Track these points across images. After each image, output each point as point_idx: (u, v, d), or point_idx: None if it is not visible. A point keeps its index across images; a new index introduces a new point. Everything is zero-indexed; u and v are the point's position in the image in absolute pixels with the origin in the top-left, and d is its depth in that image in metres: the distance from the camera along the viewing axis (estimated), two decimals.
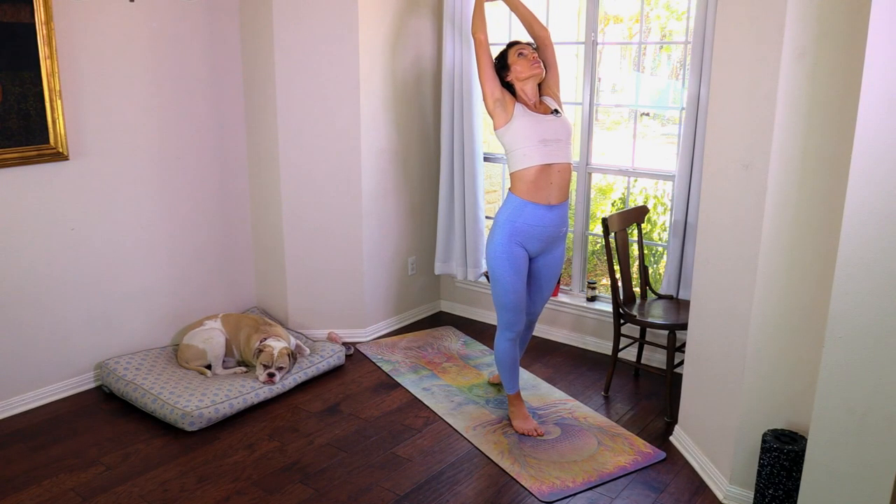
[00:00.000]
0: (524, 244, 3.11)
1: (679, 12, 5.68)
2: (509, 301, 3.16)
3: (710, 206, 2.88)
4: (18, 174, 3.26)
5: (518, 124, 3.08)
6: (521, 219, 3.06)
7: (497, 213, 3.17)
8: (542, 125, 3.09)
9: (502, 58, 3.20)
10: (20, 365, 3.40)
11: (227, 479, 2.91)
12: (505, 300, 3.16)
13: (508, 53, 3.18)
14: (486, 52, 3.19)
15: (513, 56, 3.16)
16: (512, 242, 3.09)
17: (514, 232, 3.08)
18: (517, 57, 3.15)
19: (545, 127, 3.09)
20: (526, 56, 3.14)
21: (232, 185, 4.15)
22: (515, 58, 3.15)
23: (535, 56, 3.16)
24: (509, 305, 3.17)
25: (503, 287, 3.14)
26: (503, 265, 3.10)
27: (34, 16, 3.16)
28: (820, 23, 2.29)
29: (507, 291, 3.14)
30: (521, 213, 3.06)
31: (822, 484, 2.31)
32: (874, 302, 2.10)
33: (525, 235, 3.09)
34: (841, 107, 2.29)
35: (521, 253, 3.12)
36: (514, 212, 3.07)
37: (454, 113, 4.29)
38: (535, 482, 2.90)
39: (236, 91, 4.07)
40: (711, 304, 2.89)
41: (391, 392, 3.68)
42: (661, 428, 3.35)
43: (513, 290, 3.13)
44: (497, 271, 3.13)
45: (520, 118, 3.09)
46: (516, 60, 3.14)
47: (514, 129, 3.09)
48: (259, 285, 4.38)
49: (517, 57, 3.15)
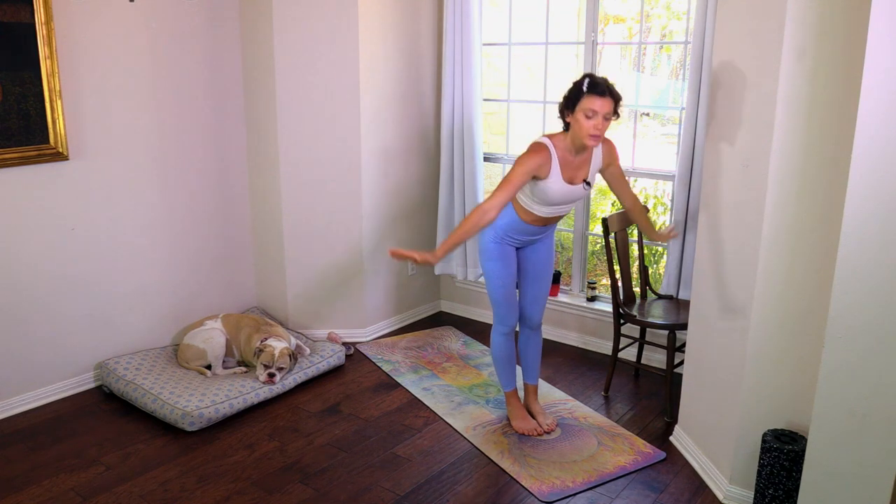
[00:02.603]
0: (512, 243, 3.15)
1: (679, 12, 5.68)
2: (500, 295, 3.18)
3: (710, 206, 2.88)
4: (18, 174, 3.26)
5: (544, 187, 2.88)
6: (513, 228, 3.09)
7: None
8: (565, 194, 2.91)
9: (577, 92, 2.77)
10: (20, 365, 3.40)
11: (227, 479, 2.91)
12: (496, 295, 3.19)
13: (584, 97, 2.74)
14: (514, 188, 2.85)
15: (584, 104, 2.74)
16: (501, 242, 3.13)
17: (504, 236, 3.11)
18: (585, 115, 2.74)
19: (566, 194, 2.92)
20: (593, 121, 2.74)
21: (232, 184, 4.15)
22: (584, 109, 2.74)
23: (602, 127, 2.75)
24: (500, 299, 3.19)
25: (493, 281, 3.17)
26: (492, 260, 3.14)
27: (34, 16, 3.16)
28: (820, 23, 2.29)
29: (497, 286, 3.16)
30: (511, 225, 3.08)
31: (822, 484, 2.31)
32: (874, 302, 2.10)
33: (513, 239, 3.13)
34: (841, 107, 2.28)
35: (510, 249, 3.16)
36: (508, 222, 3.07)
37: (454, 113, 4.29)
38: (535, 482, 2.90)
39: (236, 91, 4.07)
40: (711, 304, 2.89)
41: (391, 392, 3.68)
42: (661, 428, 3.35)
43: (502, 284, 3.16)
44: (487, 266, 3.16)
45: (551, 184, 2.87)
46: (584, 113, 2.74)
47: (538, 188, 2.91)
48: (259, 285, 4.38)
49: (585, 115, 2.74)
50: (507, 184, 2.82)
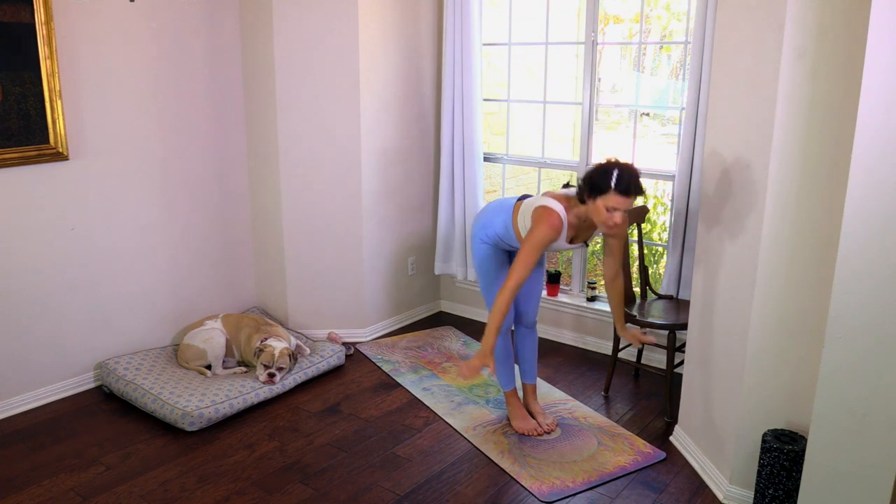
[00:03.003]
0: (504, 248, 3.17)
1: (679, 13, 5.69)
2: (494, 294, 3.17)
3: (710, 206, 2.88)
4: (18, 174, 3.26)
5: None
6: (506, 241, 3.11)
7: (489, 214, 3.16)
8: (562, 247, 2.99)
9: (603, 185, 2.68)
10: (20, 365, 3.40)
11: (227, 479, 2.91)
12: (491, 293, 3.19)
13: (610, 193, 2.66)
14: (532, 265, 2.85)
15: (609, 200, 2.68)
16: (493, 245, 3.15)
17: (498, 241, 3.13)
18: (609, 212, 2.70)
19: (564, 247, 2.99)
20: (613, 217, 2.70)
21: (232, 184, 4.15)
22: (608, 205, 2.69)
23: (619, 222, 2.73)
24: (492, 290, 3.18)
25: (486, 279, 3.18)
26: (485, 259, 3.15)
27: (34, 16, 3.16)
28: (820, 23, 2.29)
29: (490, 284, 3.17)
30: (505, 238, 3.10)
31: (822, 484, 2.31)
32: (874, 302, 2.10)
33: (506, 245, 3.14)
34: (841, 107, 2.28)
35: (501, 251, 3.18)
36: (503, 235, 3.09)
37: (454, 113, 4.29)
38: (535, 482, 2.90)
39: (236, 91, 4.07)
40: (711, 304, 2.89)
41: (391, 392, 3.68)
42: (661, 428, 3.35)
43: (498, 282, 3.15)
44: (480, 265, 3.18)
45: (553, 244, 2.93)
46: (605, 205, 2.69)
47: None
48: (259, 285, 4.38)
49: (609, 212, 2.70)
50: (524, 264, 2.82)
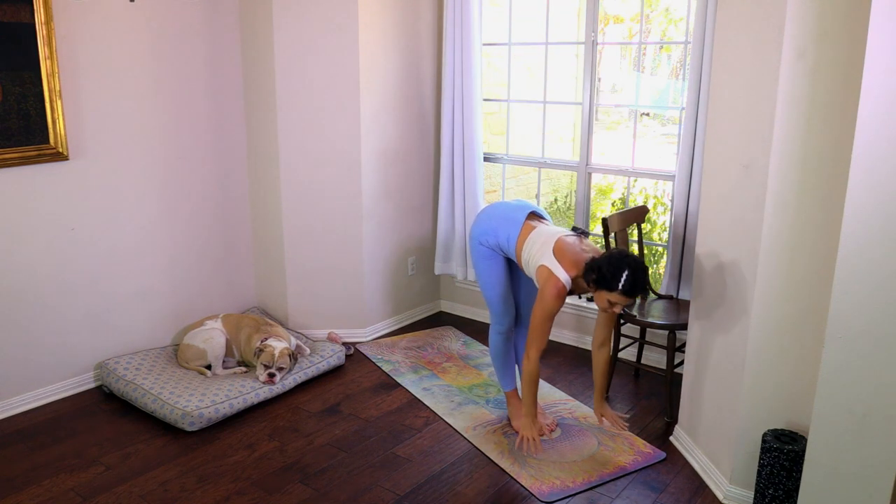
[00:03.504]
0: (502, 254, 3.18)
1: (677, 18, 5.69)
2: (494, 295, 3.19)
3: (710, 206, 2.88)
4: (18, 174, 3.26)
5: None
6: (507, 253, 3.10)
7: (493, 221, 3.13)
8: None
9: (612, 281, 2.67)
10: (20, 365, 3.40)
11: (227, 479, 2.91)
12: (490, 294, 3.20)
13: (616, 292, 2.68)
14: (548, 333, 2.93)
15: (613, 296, 2.70)
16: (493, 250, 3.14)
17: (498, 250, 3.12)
18: (609, 303, 2.74)
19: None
20: (613, 308, 2.76)
21: (232, 184, 4.15)
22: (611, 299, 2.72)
23: (619, 312, 2.79)
24: (494, 299, 3.20)
25: (486, 281, 3.18)
26: (484, 260, 3.15)
27: (34, 16, 3.16)
28: (820, 23, 2.29)
29: (490, 285, 3.17)
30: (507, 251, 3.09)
31: (822, 484, 2.31)
32: (874, 302, 2.10)
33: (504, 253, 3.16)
34: (841, 107, 2.29)
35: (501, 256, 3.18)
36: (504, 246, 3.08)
37: (454, 113, 4.29)
38: (535, 482, 2.90)
39: (236, 91, 4.07)
40: (711, 305, 2.89)
41: (391, 392, 3.68)
42: (661, 428, 3.35)
43: (496, 283, 3.17)
44: (479, 267, 3.18)
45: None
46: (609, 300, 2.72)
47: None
48: (259, 285, 4.38)
49: (609, 303, 2.74)
50: (541, 334, 2.88)
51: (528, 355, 2.91)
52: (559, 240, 2.90)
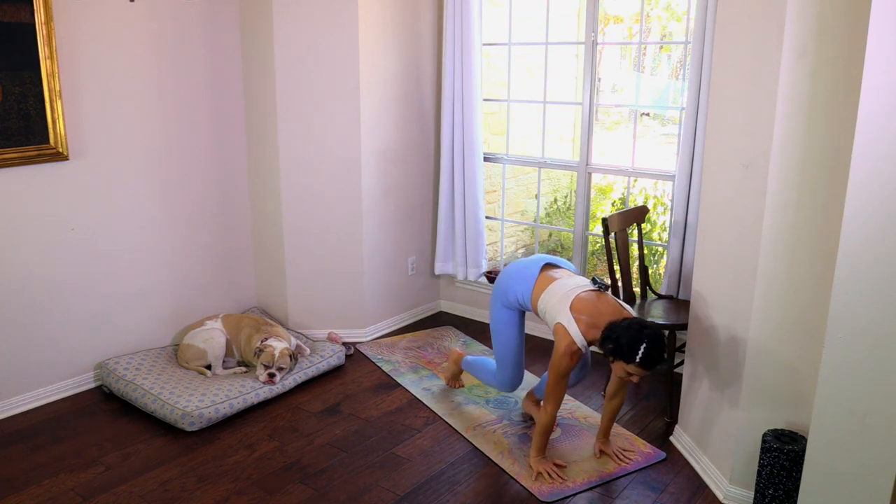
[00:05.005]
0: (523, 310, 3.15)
1: (679, 13, 5.69)
2: (505, 354, 3.18)
3: (710, 206, 2.88)
4: (18, 174, 3.26)
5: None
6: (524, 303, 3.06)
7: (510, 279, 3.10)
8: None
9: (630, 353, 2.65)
10: (20, 365, 3.40)
11: (227, 479, 2.91)
12: (502, 353, 3.19)
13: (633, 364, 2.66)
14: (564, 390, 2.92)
15: (630, 368, 2.68)
16: (513, 309, 3.13)
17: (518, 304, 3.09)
18: (627, 373, 2.72)
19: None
20: (630, 378, 2.74)
21: (232, 184, 4.15)
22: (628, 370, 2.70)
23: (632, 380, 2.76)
24: (505, 359, 3.19)
25: (501, 339, 3.17)
26: (502, 321, 3.15)
27: (34, 16, 3.16)
28: (820, 23, 2.29)
29: (504, 344, 3.17)
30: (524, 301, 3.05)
31: (822, 484, 2.31)
32: (874, 302, 2.10)
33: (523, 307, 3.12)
34: (841, 107, 2.28)
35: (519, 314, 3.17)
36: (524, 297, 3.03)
37: (454, 113, 4.29)
38: (535, 482, 2.90)
39: (236, 91, 4.07)
40: (711, 305, 2.89)
41: (391, 392, 3.68)
42: (661, 428, 3.35)
43: (512, 344, 3.16)
44: (496, 321, 3.18)
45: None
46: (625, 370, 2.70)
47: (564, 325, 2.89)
48: (259, 285, 4.38)
49: (627, 373, 2.72)
50: (557, 394, 2.88)
51: (546, 409, 2.91)
52: (577, 298, 2.85)
